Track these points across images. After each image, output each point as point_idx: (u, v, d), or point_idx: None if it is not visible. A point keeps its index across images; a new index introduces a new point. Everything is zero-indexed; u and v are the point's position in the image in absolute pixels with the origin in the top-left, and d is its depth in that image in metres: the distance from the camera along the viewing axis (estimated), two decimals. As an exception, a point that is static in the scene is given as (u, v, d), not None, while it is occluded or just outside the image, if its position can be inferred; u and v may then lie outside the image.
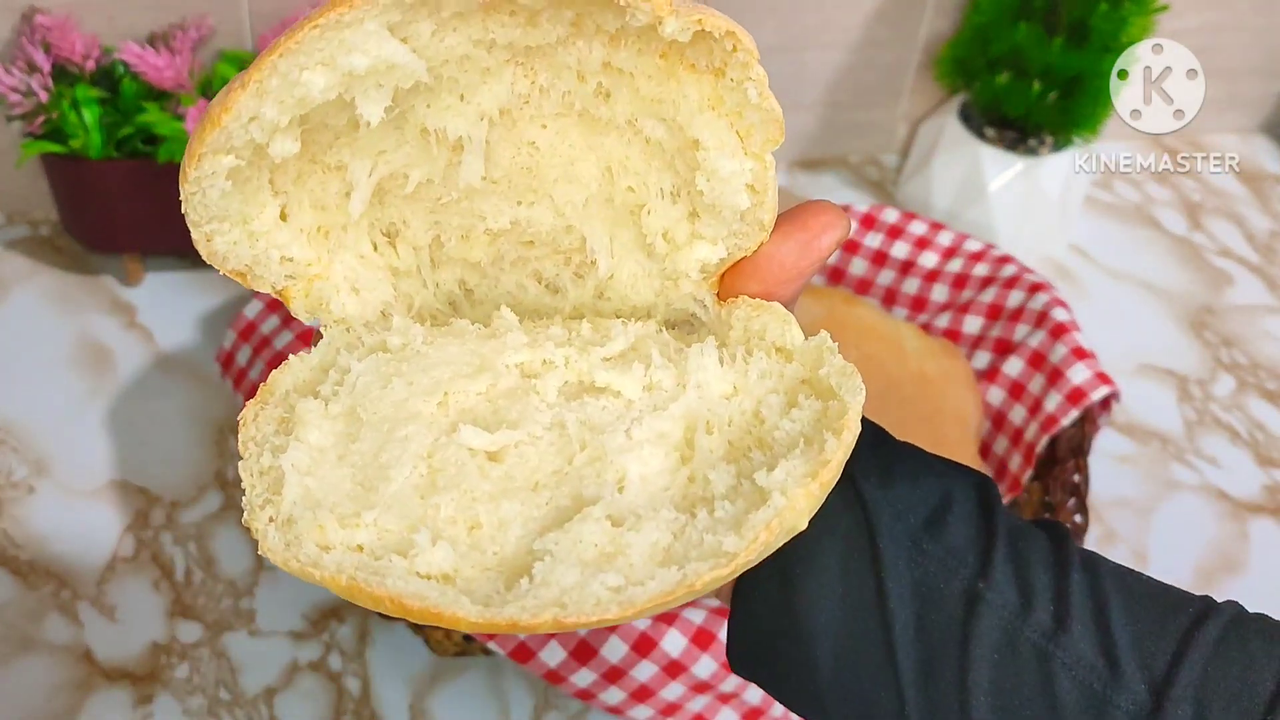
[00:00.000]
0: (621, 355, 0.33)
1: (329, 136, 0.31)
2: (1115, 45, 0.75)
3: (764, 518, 0.27)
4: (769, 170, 0.31)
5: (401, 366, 0.32)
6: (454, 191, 0.32)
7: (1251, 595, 0.67)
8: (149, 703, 0.57)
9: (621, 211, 0.33)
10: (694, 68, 0.30)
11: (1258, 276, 0.88)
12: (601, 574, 0.27)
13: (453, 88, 0.31)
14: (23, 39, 0.68)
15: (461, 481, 0.30)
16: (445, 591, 0.28)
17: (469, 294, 0.34)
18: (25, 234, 0.79)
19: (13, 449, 0.66)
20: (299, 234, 0.32)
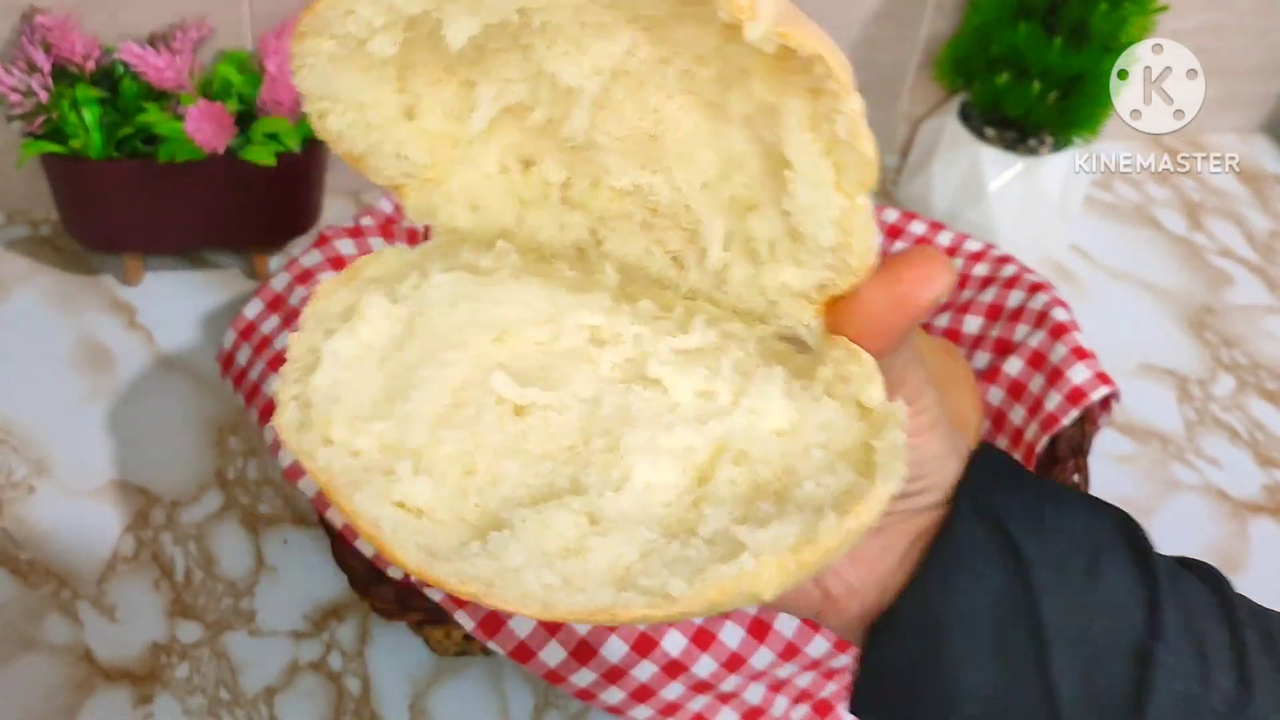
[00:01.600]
0: (693, 352, 0.31)
1: (448, 53, 0.30)
2: (1115, 45, 0.75)
3: (721, 575, 0.26)
4: (858, 212, 0.28)
5: (478, 291, 0.31)
6: (577, 138, 0.31)
7: (1251, 595, 0.67)
8: (149, 702, 0.57)
9: (736, 208, 0.31)
10: (796, 81, 0.28)
11: (1258, 276, 0.88)
12: (545, 568, 0.26)
13: (568, 36, 0.29)
14: (23, 39, 0.68)
15: (475, 425, 0.29)
16: (400, 528, 0.27)
17: (599, 245, 0.32)
18: (25, 234, 0.79)
19: (13, 449, 0.66)
20: (421, 135, 0.32)
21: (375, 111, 0.31)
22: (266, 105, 0.68)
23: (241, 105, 0.69)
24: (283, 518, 0.65)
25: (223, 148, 0.67)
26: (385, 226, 0.68)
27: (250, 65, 0.71)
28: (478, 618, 0.51)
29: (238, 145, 0.68)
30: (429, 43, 0.30)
